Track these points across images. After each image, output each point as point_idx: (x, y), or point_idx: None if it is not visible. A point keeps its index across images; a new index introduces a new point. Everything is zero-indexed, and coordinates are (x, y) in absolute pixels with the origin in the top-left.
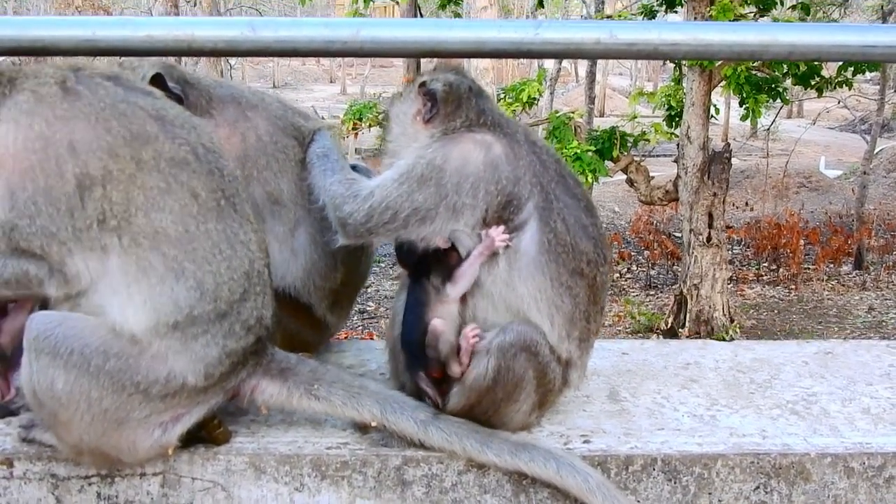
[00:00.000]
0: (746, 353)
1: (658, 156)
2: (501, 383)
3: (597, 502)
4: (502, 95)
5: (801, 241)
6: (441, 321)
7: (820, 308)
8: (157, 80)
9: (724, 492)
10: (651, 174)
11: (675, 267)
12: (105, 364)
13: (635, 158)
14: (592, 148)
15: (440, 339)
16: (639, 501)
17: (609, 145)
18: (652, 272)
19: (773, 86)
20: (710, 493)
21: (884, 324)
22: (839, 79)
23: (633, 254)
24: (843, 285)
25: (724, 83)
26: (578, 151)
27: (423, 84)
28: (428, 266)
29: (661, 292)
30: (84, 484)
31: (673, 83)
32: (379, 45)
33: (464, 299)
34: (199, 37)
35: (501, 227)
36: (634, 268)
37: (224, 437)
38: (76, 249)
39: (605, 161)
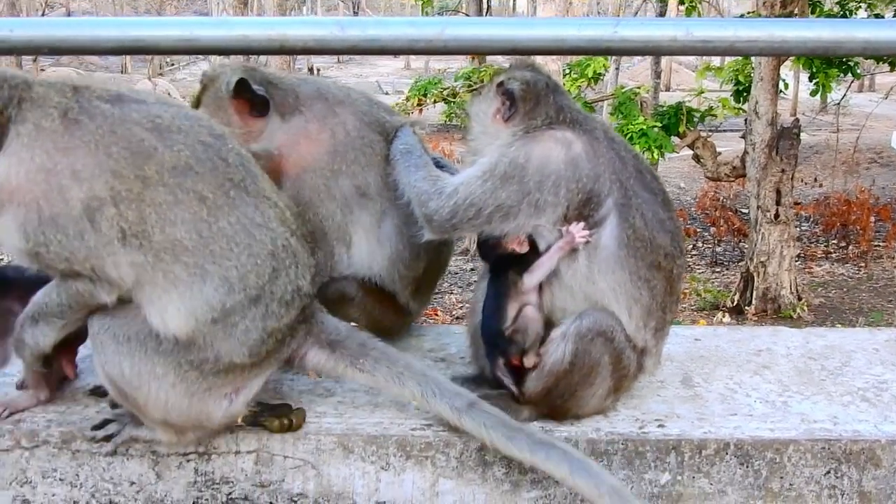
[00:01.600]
0: (818, 339)
1: (725, 131)
2: (578, 367)
3: None
4: (568, 71)
5: (872, 218)
6: (533, 308)
7: (890, 286)
8: (242, 85)
9: (795, 476)
10: (718, 150)
11: (741, 244)
12: (159, 346)
13: (702, 134)
14: (658, 124)
15: (529, 326)
16: (712, 484)
17: (675, 121)
18: (718, 249)
19: (844, 60)
20: (781, 478)
21: None
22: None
23: (698, 230)
24: None
25: (793, 58)
26: (644, 127)
27: (500, 84)
28: (508, 259)
29: (728, 269)
30: (182, 460)
31: (742, 57)
32: (462, 44)
33: (543, 291)
34: (290, 36)
35: (581, 224)
36: (700, 244)
37: (300, 422)
38: (105, 263)
39: (672, 136)
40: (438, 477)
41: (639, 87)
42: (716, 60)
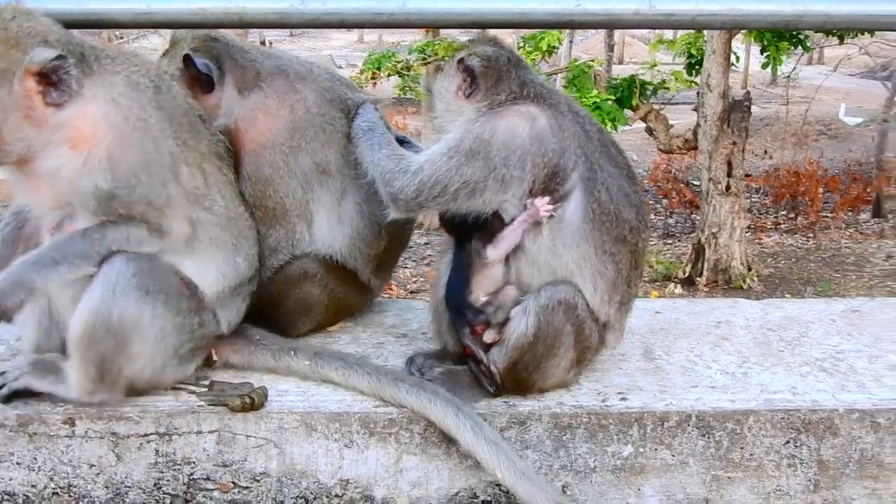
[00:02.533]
0: (776, 311)
1: (678, 104)
2: (542, 339)
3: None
4: (522, 44)
5: (820, 190)
6: (514, 288)
7: (838, 256)
8: (188, 60)
9: (755, 446)
10: (670, 123)
11: (693, 215)
12: (180, 305)
13: (655, 107)
14: (612, 97)
15: (505, 304)
16: (674, 456)
17: (628, 94)
18: (670, 221)
19: (795, 33)
20: (741, 448)
21: None
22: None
23: (651, 202)
24: (862, 233)
25: (745, 31)
26: (598, 100)
27: (461, 60)
28: (470, 230)
29: (679, 241)
30: (143, 442)
31: (694, 31)
32: (425, 17)
33: (510, 265)
34: (249, 9)
35: (546, 198)
36: (652, 216)
37: (262, 401)
38: (171, 215)
39: (625, 109)
40: (402, 453)
41: (592, 61)
42: (668, 34)
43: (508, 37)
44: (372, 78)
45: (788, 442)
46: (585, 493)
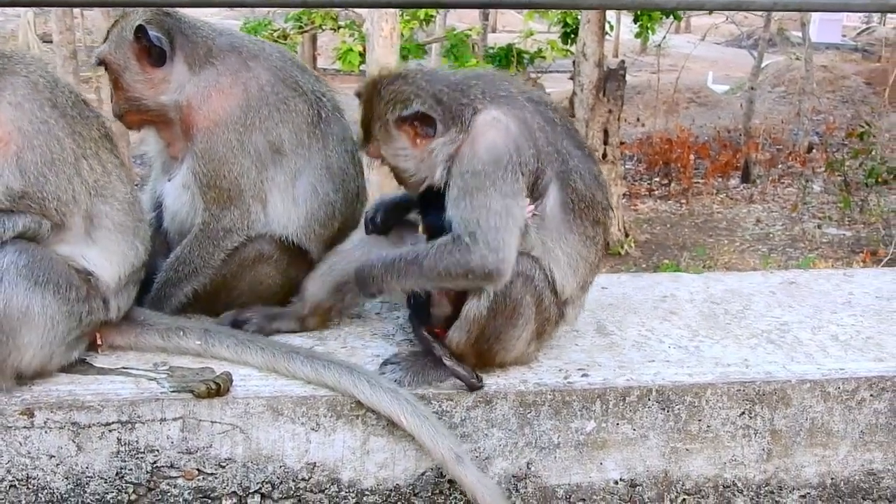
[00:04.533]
0: (717, 284)
1: (554, 72)
2: (500, 310)
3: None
4: (400, 13)
5: (692, 156)
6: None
7: (710, 221)
8: (141, 32)
9: (712, 418)
10: (547, 91)
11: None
12: (69, 294)
13: (532, 76)
14: (490, 66)
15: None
16: (634, 430)
17: (506, 63)
18: None
19: None
20: (699, 420)
21: (771, 235)
22: (692, 10)
23: None
24: (732, 199)
25: None
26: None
27: (405, 118)
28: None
29: None
30: (104, 431)
31: None
32: None
33: None
34: None
35: (527, 199)
36: None
37: (227, 386)
38: (74, 211)
39: None
40: (369, 435)
41: (470, 30)
42: None
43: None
44: None
45: (743, 413)
46: (549, 469)
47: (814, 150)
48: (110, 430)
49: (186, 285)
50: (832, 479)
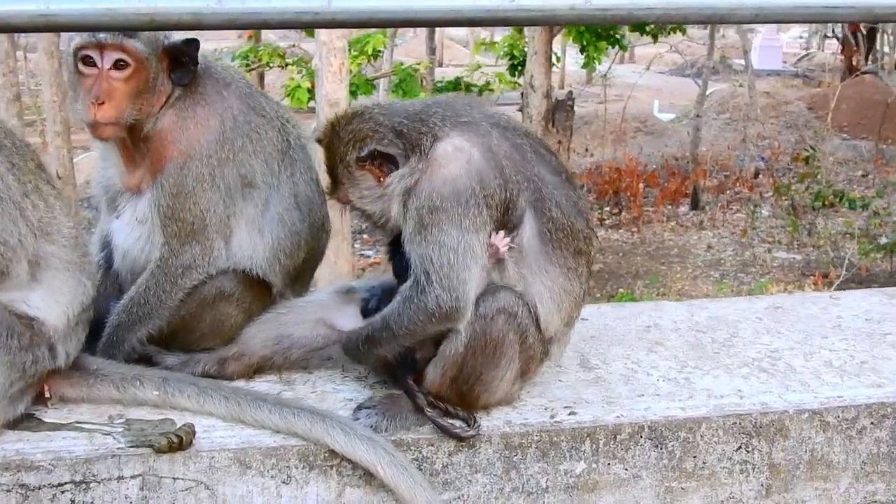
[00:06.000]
0: (701, 311)
1: (502, 105)
2: (480, 348)
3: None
4: (348, 48)
5: (641, 185)
6: None
7: (662, 249)
8: (178, 47)
9: (707, 454)
10: None
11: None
12: (10, 343)
13: None
14: (383, 101)
15: None
16: (627, 470)
17: None
18: None
19: (612, 33)
20: (694, 457)
21: (722, 261)
22: (673, 24)
23: None
24: (682, 226)
25: (564, 32)
26: None
27: (361, 159)
28: None
29: None
30: (56, 492)
31: (515, 32)
32: (352, 16)
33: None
34: (161, 10)
35: (502, 232)
36: None
37: (189, 439)
38: (18, 257)
39: None
40: (345, 486)
41: (418, 64)
42: (488, 35)
43: (339, 40)
44: None
45: (740, 447)
46: None
47: (760, 176)
48: (63, 492)
49: (141, 328)
50: None
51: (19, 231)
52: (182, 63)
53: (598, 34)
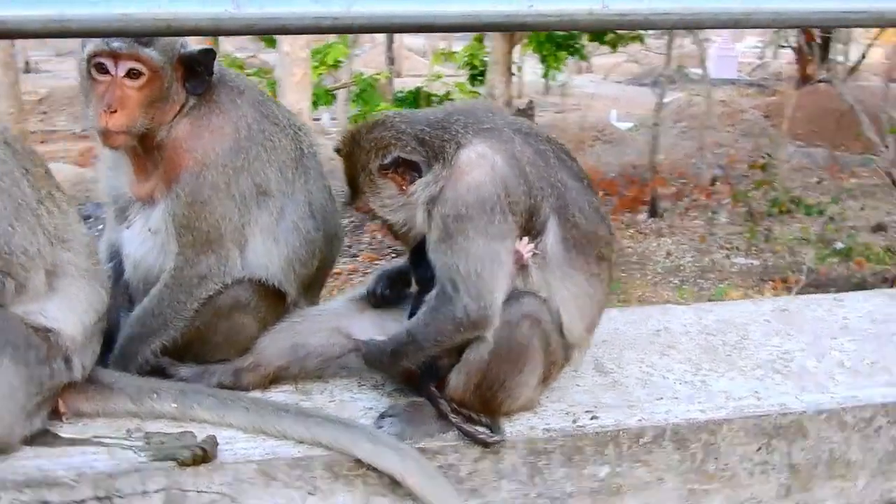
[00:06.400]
0: (708, 314)
1: None
2: (504, 354)
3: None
4: (311, 58)
5: (601, 193)
6: None
7: (622, 256)
8: (193, 58)
9: (729, 455)
10: None
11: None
12: (28, 356)
13: None
14: (400, 110)
15: None
16: (650, 472)
17: (415, 106)
18: None
19: (571, 43)
20: (716, 458)
21: (682, 267)
22: (631, 35)
23: None
24: (641, 233)
25: (524, 41)
26: None
27: (384, 167)
28: None
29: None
30: None
31: (475, 42)
32: (372, 21)
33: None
34: (180, 15)
35: (525, 239)
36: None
37: (213, 451)
38: (37, 265)
39: None
40: (370, 496)
41: (379, 74)
42: (442, 45)
43: (302, 51)
44: None
45: (760, 448)
46: None
47: (717, 183)
48: None
49: (155, 340)
50: None
51: (38, 240)
52: (197, 72)
53: (558, 44)
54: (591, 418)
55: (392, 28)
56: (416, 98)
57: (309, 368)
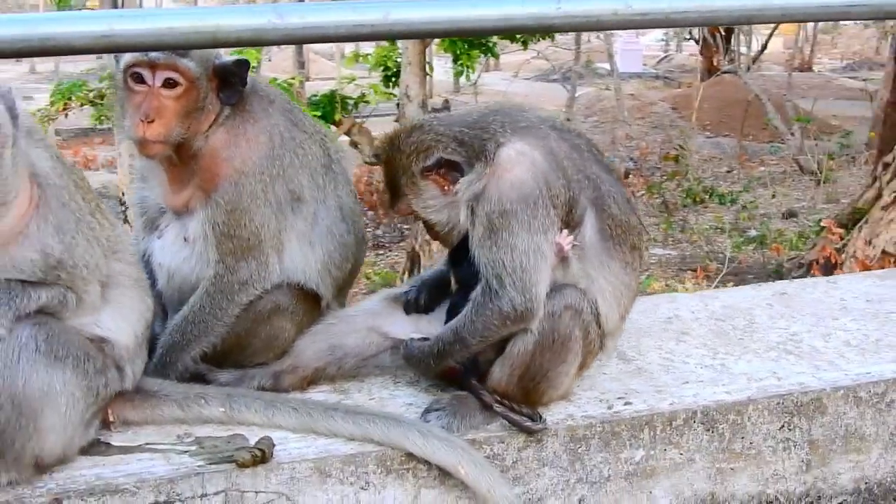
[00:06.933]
0: (713, 301)
1: (379, 116)
2: (548, 346)
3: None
4: None
5: None
6: None
7: None
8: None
9: (754, 434)
10: (374, 135)
11: (400, 225)
12: (87, 367)
13: (357, 120)
14: (317, 113)
15: None
16: (682, 454)
17: (331, 109)
18: (378, 232)
19: (484, 41)
20: (742, 437)
21: None
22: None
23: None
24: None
25: (438, 42)
26: None
27: (427, 168)
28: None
29: (391, 251)
30: None
31: (389, 44)
32: (409, 27)
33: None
34: (224, 27)
35: (565, 231)
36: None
37: (270, 452)
38: (94, 277)
39: (329, 125)
40: (420, 489)
41: (293, 78)
42: (353, 47)
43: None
44: (63, 108)
45: (783, 426)
46: None
47: (631, 176)
48: None
49: (195, 347)
50: (866, 483)
51: (95, 252)
52: (230, 83)
53: (471, 43)
54: (625, 404)
55: (427, 34)
56: (331, 101)
57: (346, 368)
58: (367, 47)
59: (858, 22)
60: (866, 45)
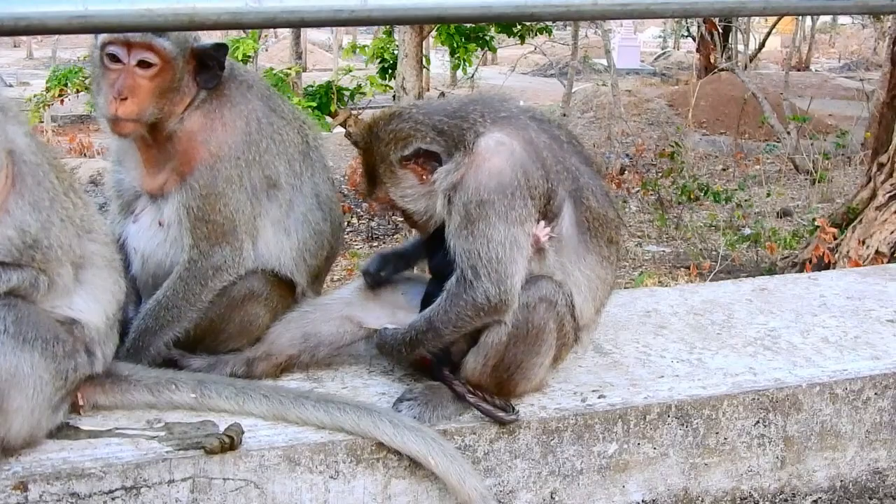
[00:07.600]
0: (693, 296)
1: (375, 107)
2: (521, 337)
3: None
4: None
5: None
6: None
7: None
8: (207, 52)
9: (729, 430)
10: None
11: (394, 217)
12: (55, 350)
13: (353, 112)
14: (313, 104)
15: None
16: (655, 448)
17: (327, 100)
18: (373, 224)
19: (482, 35)
20: (716, 433)
21: None
22: (539, 26)
23: (352, 207)
24: None
25: (435, 34)
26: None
27: (405, 157)
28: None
29: (384, 243)
30: (107, 499)
31: (385, 35)
32: (388, 13)
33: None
34: (200, 9)
35: (542, 222)
36: (355, 220)
37: (239, 439)
38: (66, 258)
39: (325, 116)
40: (390, 479)
41: (290, 69)
42: (350, 37)
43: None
44: (59, 95)
45: (758, 422)
46: (573, 497)
47: (626, 172)
48: (113, 498)
49: (168, 332)
50: (841, 481)
51: (69, 232)
52: (208, 66)
53: (468, 36)
54: (599, 397)
55: (406, 20)
56: (327, 92)
57: (320, 357)
58: (365, 39)
59: (856, 21)
60: (864, 45)
